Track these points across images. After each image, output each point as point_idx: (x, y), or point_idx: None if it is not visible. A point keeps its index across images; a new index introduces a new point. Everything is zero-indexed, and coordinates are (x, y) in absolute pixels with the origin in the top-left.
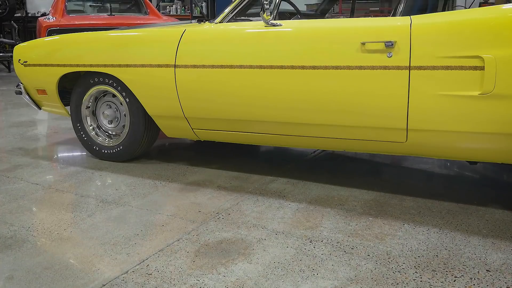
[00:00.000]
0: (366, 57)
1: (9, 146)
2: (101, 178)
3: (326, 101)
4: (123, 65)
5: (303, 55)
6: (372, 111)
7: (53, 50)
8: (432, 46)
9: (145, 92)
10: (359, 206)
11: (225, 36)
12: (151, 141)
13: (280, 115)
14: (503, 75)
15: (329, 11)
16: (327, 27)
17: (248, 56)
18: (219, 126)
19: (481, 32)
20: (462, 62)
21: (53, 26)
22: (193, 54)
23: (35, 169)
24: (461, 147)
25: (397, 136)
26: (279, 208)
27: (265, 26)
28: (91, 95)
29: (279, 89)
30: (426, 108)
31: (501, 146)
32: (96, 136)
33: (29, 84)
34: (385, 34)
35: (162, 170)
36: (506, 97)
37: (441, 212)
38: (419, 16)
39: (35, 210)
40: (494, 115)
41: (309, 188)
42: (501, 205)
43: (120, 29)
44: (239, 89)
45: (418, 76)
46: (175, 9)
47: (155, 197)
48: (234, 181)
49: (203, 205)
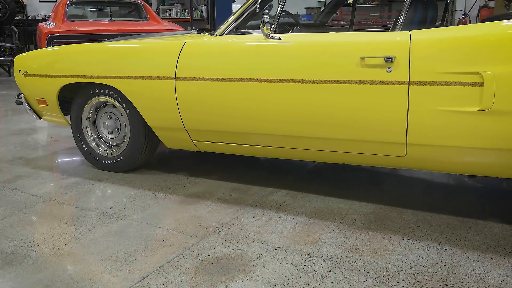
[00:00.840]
0: (366, 72)
1: (9, 156)
2: (101, 189)
3: (325, 115)
4: (123, 76)
5: (302, 69)
6: (371, 125)
7: (53, 60)
8: (431, 62)
9: (145, 103)
10: (358, 219)
11: (225, 49)
12: (151, 152)
13: (280, 128)
14: (502, 91)
15: (328, 19)
16: (326, 41)
17: (248, 69)
18: (219, 138)
19: (480, 48)
20: (461, 78)
21: (53, 33)
22: (193, 67)
23: (35, 180)
24: (461, 162)
25: (396, 150)
26: (279, 221)
27: (265, 39)
28: (92, 106)
29: (279, 102)
30: (426, 123)
31: (500, 161)
32: (97, 146)
33: (30, 94)
34: (384, 49)
35: (162, 181)
36: (505, 113)
37: (440, 225)
38: (419, 31)
39: (36, 224)
40: (493, 131)
41: (309, 200)
42: (500, 218)
43: (120, 38)
44: (239, 102)
45: (418, 91)
46: (175, 12)
47: (155, 210)
48: (234, 192)
49: (203, 218)
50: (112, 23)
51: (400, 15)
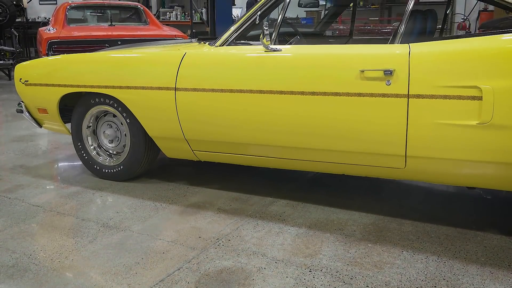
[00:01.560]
0: (365, 85)
1: (10, 164)
2: (102, 199)
3: (325, 126)
4: (124, 86)
5: (302, 81)
6: (371, 137)
7: (54, 70)
8: (430, 75)
9: (145, 113)
10: (358, 231)
11: (225, 61)
12: (151, 161)
13: (280, 139)
14: (501, 105)
15: (328, 27)
16: (326, 54)
17: (248, 80)
18: (220, 148)
19: (479, 62)
20: (460, 92)
21: (54, 38)
22: (193, 78)
23: (36, 189)
24: (460, 174)
25: (396, 162)
26: (279, 233)
27: (265, 51)
28: (92, 115)
29: (279, 114)
30: (425, 136)
31: (499, 174)
32: (97, 155)
33: (30, 103)
34: (384, 62)
35: (163, 190)
36: (503, 127)
37: (439, 237)
38: (418, 44)
39: (37, 236)
40: (492, 144)
41: (309, 211)
42: (499, 229)
43: (121, 46)
44: (239, 113)
45: (417, 104)
46: (175, 15)
47: (156, 221)
48: (234, 202)
49: (203, 229)
50: (113, 28)
51: (400, 27)
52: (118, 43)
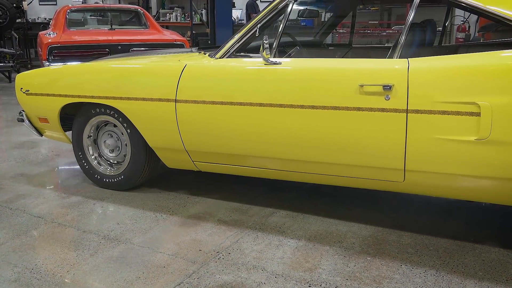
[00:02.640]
0: (364, 99)
1: (11, 172)
2: (103, 209)
3: (324, 140)
4: (124, 97)
5: (302, 94)
6: (370, 151)
7: (54, 80)
8: (429, 91)
9: (146, 124)
10: (357, 243)
11: (225, 73)
12: (152, 170)
13: (279, 151)
14: (499, 122)
15: (328, 35)
16: (326, 68)
17: (248, 93)
18: (220, 159)
19: (477, 78)
20: (459, 108)
21: (54, 44)
22: (193, 90)
23: (37, 199)
24: (459, 189)
25: (395, 175)
26: (279, 246)
27: (264, 63)
28: (93, 125)
29: (279, 126)
30: (424, 150)
31: (498, 189)
32: (98, 165)
33: (31, 112)
34: (383, 77)
35: (163, 200)
36: (502, 143)
37: (438, 250)
38: (417, 59)
39: (38, 249)
40: (490, 160)
41: (308, 222)
42: (497, 242)
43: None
44: (240, 125)
45: (416, 119)
46: (175, 16)
47: (156, 233)
48: (234, 213)
49: (204, 242)
50: (113, 32)
51: (399, 40)
52: (118, 48)
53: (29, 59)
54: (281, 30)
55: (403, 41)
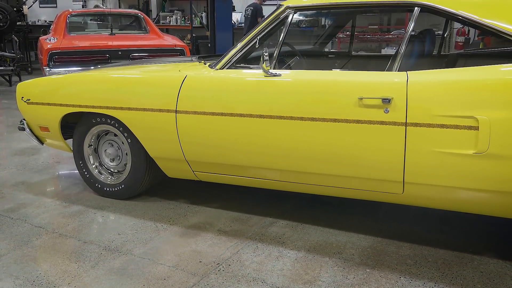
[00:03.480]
0: (364, 112)
1: (12, 180)
2: (103, 219)
3: (324, 152)
4: (125, 108)
5: (302, 106)
6: (369, 163)
7: (55, 89)
8: (428, 104)
9: (146, 134)
10: (356, 254)
11: (226, 84)
12: (152, 179)
13: (279, 163)
14: (497, 136)
15: (327, 43)
16: (325, 80)
17: (248, 104)
18: (220, 170)
19: (476, 93)
20: (457, 122)
21: (55, 49)
22: (194, 101)
23: (38, 208)
24: (457, 201)
25: (394, 187)
26: (279, 257)
27: (264, 75)
28: (93, 134)
29: (279, 138)
30: (422, 163)
31: (496, 202)
32: (99, 174)
33: (32, 121)
34: (382, 90)
35: (164, 209)
36: (500, 157)
37: (436, 262)
38: (416, 72)
39: (40, 260)
40: (488, 173)
41: (308, 233)
42: (495, 253)
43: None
44: (240, 136)
45: (414, 132)
46: (175, 19)
47: (157, 244)
48: (234, 223)
49: (204, 253)
50: (113, 37)
51: (398, 52)
52: (118, 53)
53: (29, 62)
54: (281, 41)
55: (402, 52)
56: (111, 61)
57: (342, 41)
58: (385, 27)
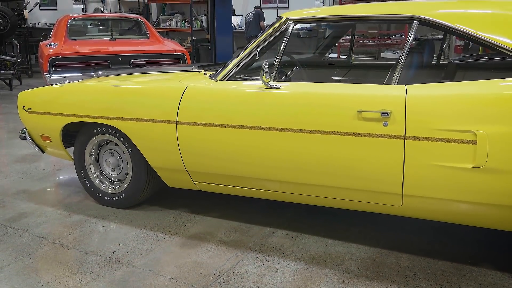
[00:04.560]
0: (363, 125)
1: (13, 188)
2: (104, 229)
3: (323, 164)
4: (126, 118)
5: (301, 118)
6: (368, 176)
7: (56, 99)
8: (426, 118)
9: (147, 145)
10: (356, 265)
11: (226, 96)
12: (153, 189)
13: (279, 174)
14: (495, 150)
15: (327, 51)
16: (325, 93)
17: (248, 116)
18: (220, 180)
19: (474, 107)
20: (456, 136)
21: (55, 55)
22: (194, 112)
23: (39, 218)
24: (456, 214)
25: (393, 200)
26: (278, 268)
27: (264, 87)
28: (94, 143)
29: (278, 150)
30: (421, 176)
31: (494, 215)
32: (100, 183)
33: (33, 130)
34: (381, 103)
35: (164, 219)
36: (498, 171)
37: (435, 273)
38: (415, 86)
39: (41, 271)
40: (487, 187)
41: (308, 243)
42: (493, 264)
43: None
44: (240, 148)
45: (413, 146)
46: (175, 22)
47: (158, 255)
48: (234, 233)
49: (204, 265)
50: (114, 42)
51: (397, 64)
52: (119, 59)
53: (29, 66)
54: (281, 52)
55: (401, 64)
56: (111, 66)
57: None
58: (385, 32)
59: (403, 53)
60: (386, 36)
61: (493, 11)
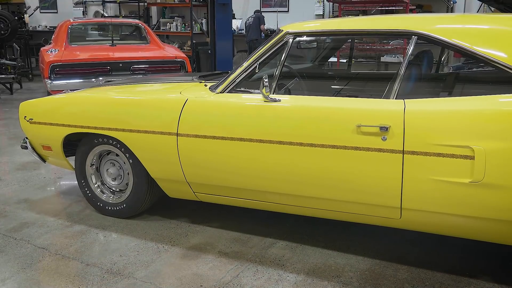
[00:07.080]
0: (362, 139)
1: (15, 197)
2: (105, 239)
3: (323, 177)
4: (127, 129)
5: (301, 132)
6: (367, 189)
7: (58, 109)
8: (424, 133)
9: (147, 156)
10: (355, 278)
11: (226, 109)
12: (154, 198)
13: (278, 186)
14: (492, 166)
15: (326, 61)
16: (324, 107)
17: (248, 129)
18: (220, 191)
19: (472, 123)
20: (453, 151)
21: (56, 62)
22: (195, 124)
23: (41, 228)
24: (454, 227)
25: (391, 213)
26: (278, 281)
27: (264, 100)
28: (95, 154)
29: (278, 163)
30: (419, 190)
31: (492, 229)
32: (101, 193)
33: (35, 140)
34: (379, 118)
35: (164, 229)
36: (495, 186)
37: (434, 285)
38: (413, 101)
39: (43, 284)
40: (484, 201)
41: (307, 254)
42: (491, 276)
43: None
44: (240, 160)
45: (411, 160)
46: (175, 26)
47: (158, 266)
48: (235, 244)
49: (205, 277)
50: (114, 48)
51: (396, 78)
52: (119, 65)
53: (30, 69)
54: (281, 65)
55: (401, 77)
56: (112, 73)
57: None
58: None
59: (402, 66)
60: (385, 41)
61: (490, 26)
